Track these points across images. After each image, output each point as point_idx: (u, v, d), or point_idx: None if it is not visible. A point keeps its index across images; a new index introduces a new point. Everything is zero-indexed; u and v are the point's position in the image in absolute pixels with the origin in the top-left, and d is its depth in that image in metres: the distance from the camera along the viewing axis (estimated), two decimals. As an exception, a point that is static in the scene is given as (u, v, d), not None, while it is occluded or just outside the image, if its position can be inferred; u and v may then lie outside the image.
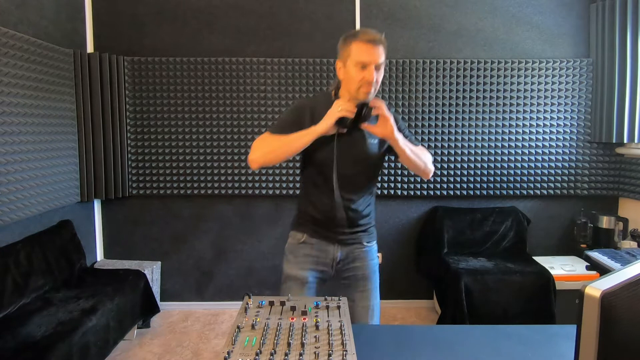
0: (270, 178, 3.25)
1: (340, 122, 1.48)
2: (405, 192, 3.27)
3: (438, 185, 3.27)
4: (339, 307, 1.34)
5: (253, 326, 1.20)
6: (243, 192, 3.26)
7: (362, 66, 1.46)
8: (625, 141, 3.00)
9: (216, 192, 3.25)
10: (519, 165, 3.25)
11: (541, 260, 2.96)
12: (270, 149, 1.52)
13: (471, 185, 3.27)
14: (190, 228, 3.34)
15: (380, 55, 1.46)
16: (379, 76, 1.50)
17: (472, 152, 3.25)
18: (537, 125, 3.23)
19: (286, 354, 1.06)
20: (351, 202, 1.62)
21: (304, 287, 1.63)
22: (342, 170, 1.56)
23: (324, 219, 1.63)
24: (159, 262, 3.30)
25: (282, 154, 1.53)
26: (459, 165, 3.26)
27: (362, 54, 1.45)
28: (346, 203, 1.60)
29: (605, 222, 3.06)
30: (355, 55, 1.46)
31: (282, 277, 1.69)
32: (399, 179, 3.26)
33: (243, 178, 3.24)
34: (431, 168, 1.65)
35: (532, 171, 3.26)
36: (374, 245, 1.75)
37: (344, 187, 1.59)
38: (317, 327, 1.20)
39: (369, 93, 1.51)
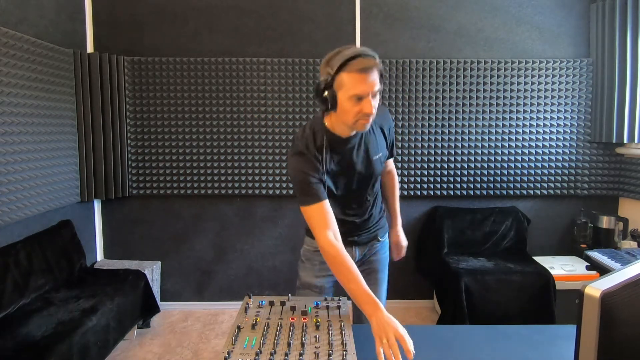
0: (270, 178, 3.25)
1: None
2: (405, 192, 3.27)
3: (438, 185, 3.27)
4: (339, 307, 1.34)
5: (253, 326, 1.20)
6: (243, 192, 3.26)
7: (358, 98, 1.29)
8: (625, 141, 3.00)
9: (216, 192, 3.25)
10: (519, 165, 3.25)
11: (541, 260, 2.96)
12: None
13: (471, 185, 3.27)
14: (190, 228, 3.34)
15: (376, 81, 1.29)
16: (377, 102, 1.34)
17: (472, 152, 3.24)
18: (537, 125, 3.22)
19: (286, 354, 1.06)
20: (364, 209, 1.62)
21: (322, 294, 1.63)
22: (351, 194, 1.55)
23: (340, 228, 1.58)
24: (159, 262, 3.30)
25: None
26: (459, 165, 3.26)
27: (357, 86, 1.27)
28: (359, 211, 1.61)
29: (605, 222, 3.06)
30: (349, 89, 1.28)
31: (298, 283, 1.68)
32: (399, 179, 3.26)
33: (243, 178, 3.24)
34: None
35: (532, 171, 3.26)
36: (386, 239, 1.79)
37: (354, 201, 1.59)
38: (317, 327, 1.20)
39: (367, 124, 1.37)
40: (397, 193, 1.86)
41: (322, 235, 1.36)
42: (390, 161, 1.80)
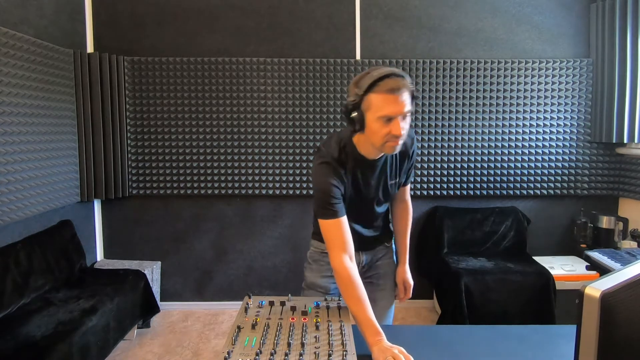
0: (270, 178, 3.25)
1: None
2: (405, 192, 3.27)
3: (438, 185, 3.27)
4: (339, 307, 1.34)
5: (253, 326, 1.20)
6: (243, 192, 3.26)
7: (387, 120, 1.25)
8: (625, 141, 3.00)
9: (216, 192, 3.25)
10: (519, 165, 3.25)
11: (541, 260, 2.96)
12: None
13: (471, 185, 3.27)
14: (190, 228, 3.34)
15: (406, 102, 1.25)
16: (407, 124, 1.30)
17: (472, 152, 3.24)
18: (537, 125, 3.22)
19: (286, 354, 1.06)
20: (373, 222, 1.62)
21: (326, 295, 1.62)
22: (362, 212, 1.54)
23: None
24: (159, 262, 3.29)
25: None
26: (459, 165, 3.26)
27: (386, 107, 1.23)
28: (367, 224, 1.60)
29: (605, 222, 3.06)
30: (377, 110, 1.24)
31: (304, 284, 1.68)
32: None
33: (243, 178, 3.24)
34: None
35: (532, 171, 3.26)
36: (392, 245, 1.78)
37: (364, 217, 1.57)
38: (317, 327, 1.20)
39: (396, 147, 1.33)
40: (409, 229, 1.80)
41: (337, 256, 1.34)
42: (407, 190, 1.76)
